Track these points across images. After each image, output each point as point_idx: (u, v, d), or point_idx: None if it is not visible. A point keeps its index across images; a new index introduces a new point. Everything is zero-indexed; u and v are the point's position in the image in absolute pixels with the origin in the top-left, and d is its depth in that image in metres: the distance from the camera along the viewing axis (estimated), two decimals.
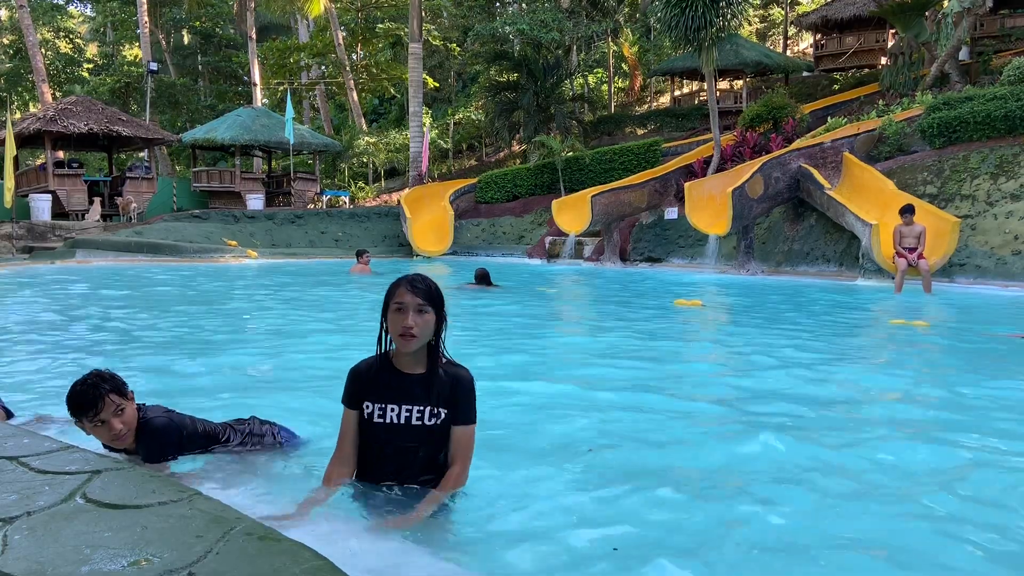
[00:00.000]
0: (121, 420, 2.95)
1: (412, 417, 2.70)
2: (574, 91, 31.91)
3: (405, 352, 2.68)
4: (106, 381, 2.96)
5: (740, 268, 15.17)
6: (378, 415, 2.72)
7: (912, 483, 3.22)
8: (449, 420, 2.72)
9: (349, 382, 2.79)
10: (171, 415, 3.18)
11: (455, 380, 2.73)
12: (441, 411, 2.71)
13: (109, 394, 2.92)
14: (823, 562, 2.47)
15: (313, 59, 36.30)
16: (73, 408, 2.92)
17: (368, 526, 2.52)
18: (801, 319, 8.93)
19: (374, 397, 2.73)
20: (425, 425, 2.70)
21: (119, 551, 1.62)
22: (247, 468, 3.24)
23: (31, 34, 29.40)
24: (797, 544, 2.62)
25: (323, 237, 22.40)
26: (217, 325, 8.21)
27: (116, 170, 27.37)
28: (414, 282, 2.67)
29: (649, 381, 5.36)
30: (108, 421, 2.92)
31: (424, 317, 2.64)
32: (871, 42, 27.55)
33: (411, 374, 2.73)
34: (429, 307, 2.65)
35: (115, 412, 2.94)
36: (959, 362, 6.28)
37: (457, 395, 2.72)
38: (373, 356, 2.80)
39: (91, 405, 2.89)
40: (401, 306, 2.63)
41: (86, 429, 2.99)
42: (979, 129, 14.04)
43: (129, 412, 3.00)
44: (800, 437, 3.86)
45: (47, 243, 19.58)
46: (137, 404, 3.10)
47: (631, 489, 3.11)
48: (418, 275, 2.72)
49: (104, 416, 2.91)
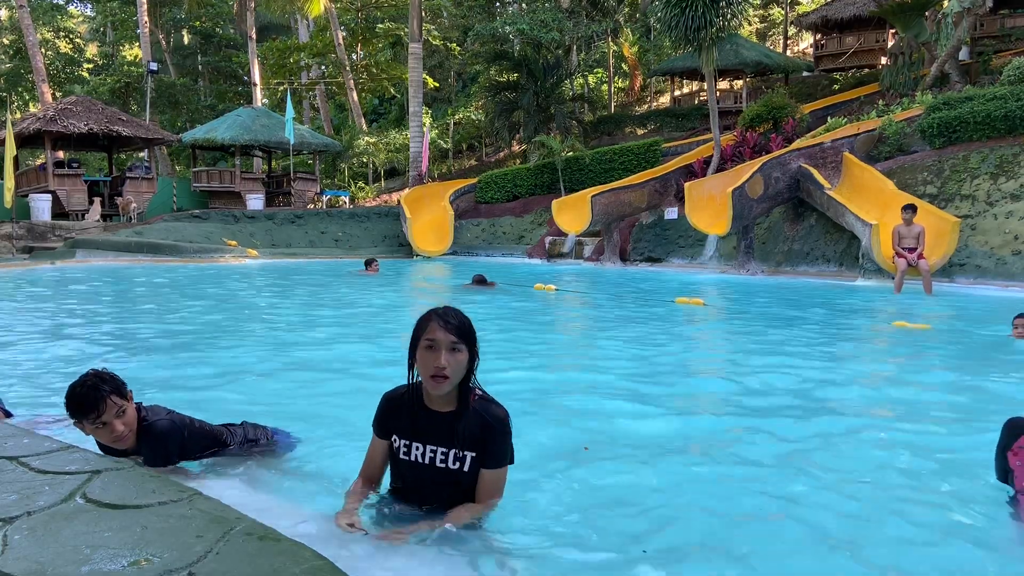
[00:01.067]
0: (123, 422, 2.91)
1: (436, 459, 2.55)
2: (574, 91, 31.91)
3: (435, 394, 2.51)
4: (106, 382, 2.91)
5: (740, 268, 15.17)
6: (404, 451, 2.59)
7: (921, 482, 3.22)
8: (476, 463, 2.54)
9: (380, 410, 2.66)
10: (173, 416, 3.14)
11: (486, 422, 2.51)
12: (467, 454, 2.53)
13: (110, 396, 2.87)
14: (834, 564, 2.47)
15: (313, 59, 36.28)
16: (73, 410, 2.87)
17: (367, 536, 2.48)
18: (803, 319, 8.93)
19: (401, 432, 2.60)
20: (449, 468, 2.54)
21: (119, 551, 1.62)
22: (247, 468, 3.24)
23: (31, 34, 29.39)
24: (809, 541, 2.62)
25: (323, 237, 22.40)
26: (217, 325, 8.21)
27: (116, 170, 27.36)
28: (446, 317, 2.47)
29: (651, 378, 5.36)
30: (110, 423, 2.87)
31: (457, 356, 2.44)
32: (871, 42, 27.55)
33: (439, 412, 2.55)
34: (463, 344, 2.45)
35: (117, 414, 2.89)
36: (963, 362, 6.28)
37: (487, 438, 2.52)
38: (402, 387, 2.65)
39: (92, 407, 2.84)
40: (433, 343, 2.43)
41: (86, 431, 2.94)
42: (979, 129, 14.03)
43: (130, 413, 2.96)
44: (805, 437, 3.86)
45: (47, 243, 19.58)
46: (136, 404, 3.06)
47: (632, 490, 3.11)
48: (449, 308, 2.53)
49: (106, 418, 2.86)
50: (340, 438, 3.72)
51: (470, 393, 2.54)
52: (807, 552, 2.56)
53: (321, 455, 3.49)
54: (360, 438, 3.51)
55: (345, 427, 3.95)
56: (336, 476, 3.21)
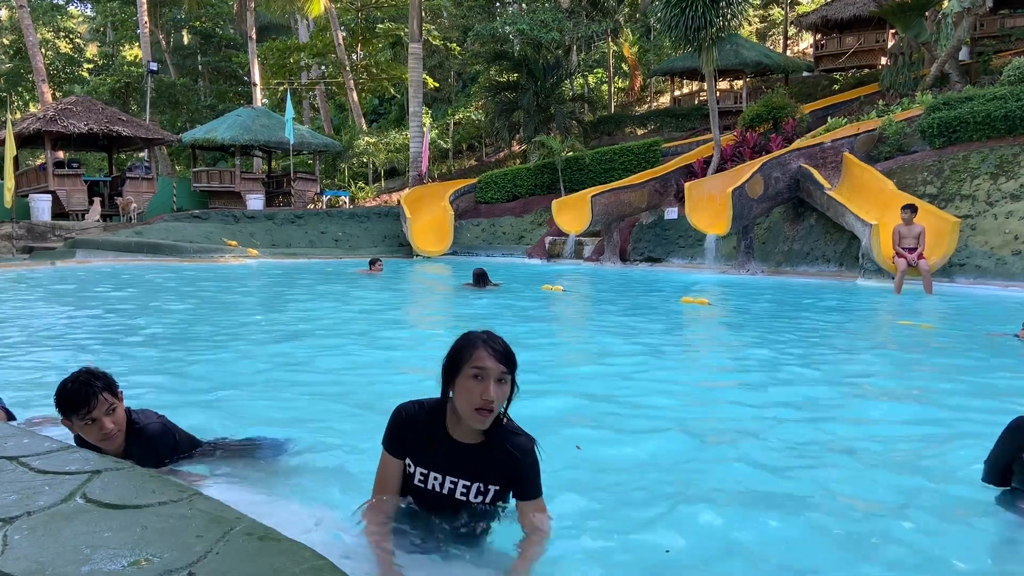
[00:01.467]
0: (112, 419, 2.88)
1: (457, 491, 2.37)
2: (574, 91, 31.90)
3: (477, 427, 2.30)
4: (98, 379, 2.88)
5: (740, 268, 15.17)
6: (419, 478, 2.39)
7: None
8: (498, 496, 2.39)
9: (393, 427, 2.42)
10: (164, 420, 3.13)
11: (515, 456, 2.34)
12: (491, 488, 2.37)
13: (102, 392, 2.84)
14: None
15: (313, 59, 36.28)
16: (63, 406, 2.83)
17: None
18: (805, 319, 8.93)
19: (418, 459, 2.39)
20: (470, 501, 2.38)
21: (119, 551, 1.62)
22: (247, 468, 3.24)
23: (31, 34, 29.39)
24: (812, 539, 2.62)
25: (323, 237, 22.41)
26: (216, 325, 8.21)
27: (116, 170, 27.36)
28: (494, 344, 2.27)
29: (657, 376, 5.37)
30: (99, 420, 2.84)
31: (503, 387, 2.26)
32: (871, 42, 27.55)
33: (465, 443, 2.36)
34: (509, 374, 2.27)
35: (107, 411, 2.86)
36: (969, 362, 6.27)
37: (520, 472, 2.35)
38: (418, 404, 2.43)
39: (83, 403, 2.80)
40: (481, 373, 2.22)
41: (74, 428, 2.89)
42: (979, 129, 14.03)
43: (120, 412, 2.93)
44: (810, 439, 3.86)
45: (47, 243, 19.58)
46: (126, 408, 3.03)
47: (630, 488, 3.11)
48: (492, 333, 2.33)
49: (95, 415, 2.83)
50: (341, 438, 3.72)
51: (501, 425, 2.35)
52: (812, 548, 2.56)
53: (321, 455, 3.48)
54: (359, 439, 3.52)
55: (346, 427, 3.95)
56: (336, 476, 3.21)
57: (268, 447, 3.49)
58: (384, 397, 4.26)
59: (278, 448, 3.51)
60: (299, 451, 3.51)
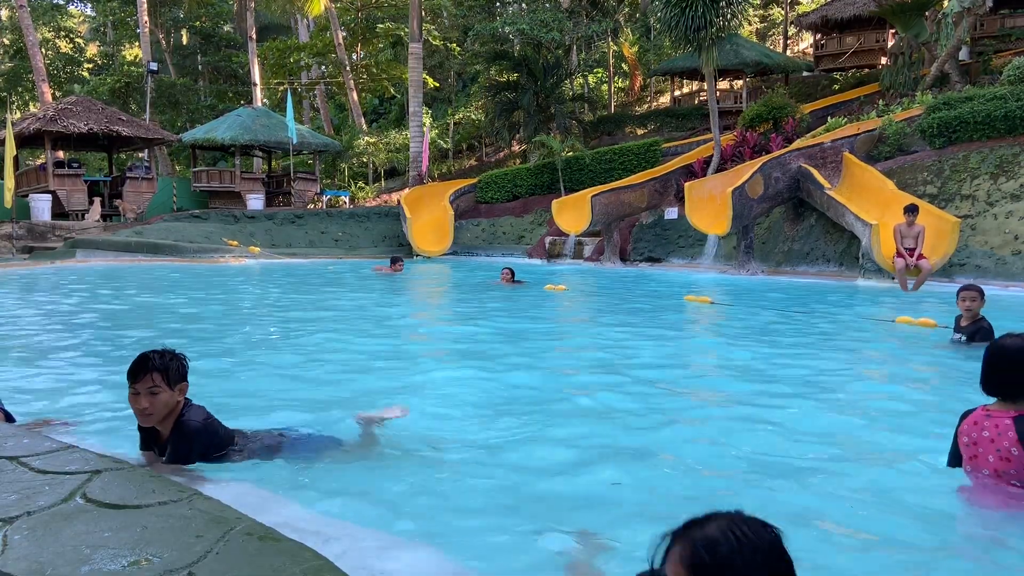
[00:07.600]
0: (150, 401, 3.02)
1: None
2: (574, 91, 31.88)
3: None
4: (160, 359, 3.06)
5: (740, 268, 15.16)
6: None
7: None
8: None
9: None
10: (207, 421, 3.21)
11: None
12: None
13: (152, 372, 3.01)
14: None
15: (313, 59, 36.25)
16: (128, 370, 3.06)
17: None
18: (809, 318, 8.94)
19: None
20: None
21: (119, 551, 1.62)
22: (247, 468, 3.24)
23: (31, 34, 29.37)
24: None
25: (323, 237, 22.41)
26: (216, 325, 8.20)
27: (116, 170, 27.35)
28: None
29: (663, 375, 5.37)
30: (140, 395, 3.01)
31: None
32: (871, 42, 27.52)
33: None
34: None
35: (149, 390, 3.01)
36: (973, 361, 6.28)
37: None
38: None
39: (136, 371, 3.02)
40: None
41: (129, 395, 3.08)
42: (979, 129, 14.03)
43: (163, 398, 3.05)
44: (815, 433, 3.86)
45: (47, 243, 19.58)
46: (185, 400, 3.16)
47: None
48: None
49: (138, 388, 3.01)
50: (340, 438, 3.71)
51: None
52: (812, 546, 2.56)
53: (321, 455, 3.48)
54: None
55: (347, 429, 3.94)
56: (336, 476, 3.21)
57: (301, 441, 3.55)
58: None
59: (309, 442, 3.55)
60: (299, 452, 3.46)
